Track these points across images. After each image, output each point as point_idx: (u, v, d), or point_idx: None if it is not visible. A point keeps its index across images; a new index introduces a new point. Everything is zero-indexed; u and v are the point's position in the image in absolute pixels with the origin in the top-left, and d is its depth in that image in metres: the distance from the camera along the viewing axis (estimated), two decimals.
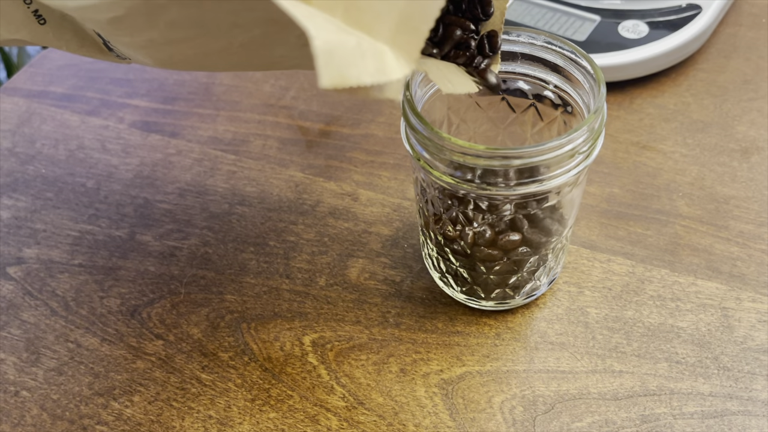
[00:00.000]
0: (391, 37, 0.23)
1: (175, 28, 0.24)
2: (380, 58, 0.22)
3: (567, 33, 0.44)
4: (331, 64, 0.20)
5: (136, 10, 0.23)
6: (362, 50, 0.21)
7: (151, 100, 0.48)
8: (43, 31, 0.29)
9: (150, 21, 0.24)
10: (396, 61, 0.22)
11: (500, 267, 0.32)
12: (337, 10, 0.23)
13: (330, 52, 0.20)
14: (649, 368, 0.33)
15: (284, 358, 0.34)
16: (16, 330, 0.36)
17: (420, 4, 0.22)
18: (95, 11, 0.24)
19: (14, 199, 0.42)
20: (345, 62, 0.20)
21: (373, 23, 0.23)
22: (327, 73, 0.20)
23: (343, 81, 0.20)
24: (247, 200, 0.41)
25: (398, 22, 0.23)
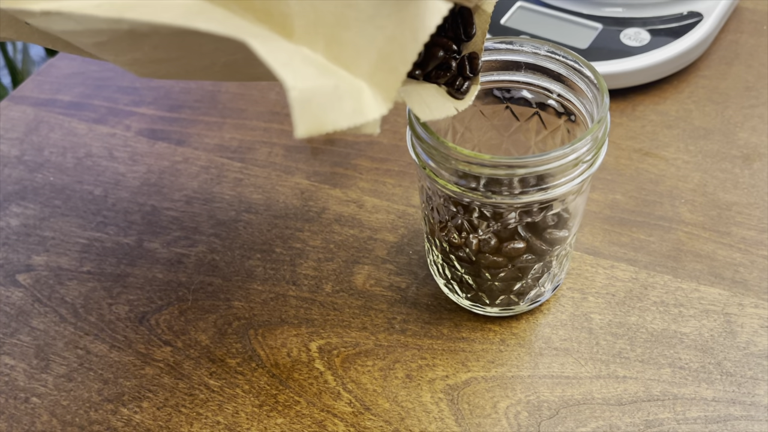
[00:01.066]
0: (369, 74, 0.23)
1: (159, 50, 0.24)
2: (357, 97, 0.23)
3: (569, 41, 0.45)
4: (307, 113, 0.21)
5: (119, 38, 0.24)
6: (339, 93, 0.22)
7: (157, 108, 0.48)
8: (29, 31, 0.30)
9: (134, 45, 0.24)
10: (373, 99, 0.23)
11: (505, 274, 0.32)
12: (318, 43, 0.24)
13: (306, 101, 0.21)
14: (653, 373, 0.33)
15: (291, 364, 0.34)
16: (26, 337, 0.37)
17: (399, 44, 0.23)
18: (79, 36, 0.24)
19: (23, 207, 0.43)
20: (322, 108, 0.21)
21: (352, 59, 0.23)
22: (303, 123, 0.20)
23: (320, 127, 0.21)
24: (253, 207, 0.42)
25: (377, 60, 0.23)
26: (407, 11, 0.23)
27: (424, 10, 0.23)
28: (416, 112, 0.26)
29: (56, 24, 0.24)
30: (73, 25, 0.23)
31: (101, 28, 0.23)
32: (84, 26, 0.23)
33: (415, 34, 0.23)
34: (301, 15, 0.24)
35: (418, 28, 0.23)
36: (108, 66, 0.51)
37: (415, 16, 0.23)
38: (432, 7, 0.23)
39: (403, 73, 0.23)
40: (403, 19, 0.23)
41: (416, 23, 0.23)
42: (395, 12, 0.23)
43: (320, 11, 0.24)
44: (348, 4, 0.23)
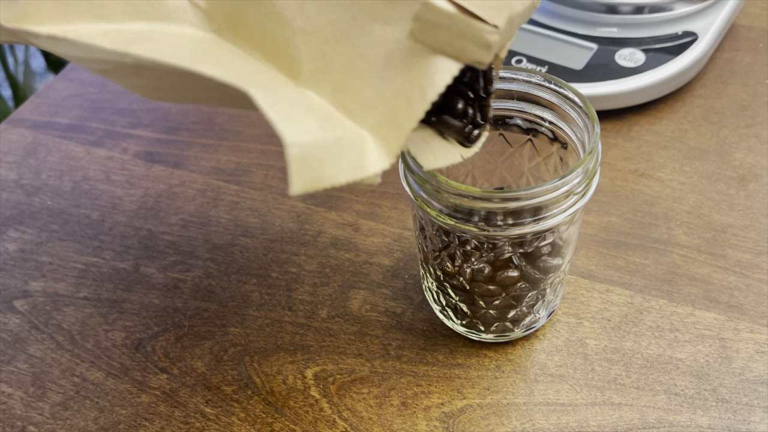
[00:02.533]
0: (374, 127, 0.23)
1: (164, 81, 0.24)
2: (360, 149, 0.22)
3: (564, 61, 0.45)
4: (304, 170, 0.21)
5: (123, 69, 0.24)
6: (342, 146, 0.22)
7: (154, 130, 0.48)
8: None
9: (138, 75, 0.24)
10: (376, 152, 0.23)
11: (499, 302, 0.32)
12: (325, 89, 0.24)
13: (304, 158, 0.20)
14: (648, 400, 0.33)
15: (287, 392, 0.35)
16: (23, 364, 0.37)
17: (407, 99, 0.23)
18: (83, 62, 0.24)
19: (20, 232, 0.43)
20: (320, 164, 0.21)
21: (358, 109, 0.23)
22: (299, 180, 0.20)
23: (316, 184, 0.21)
24: (249, 231, 0.42)
25: (383, 113, 0.23)
26: (417, 68, 0.23)
27: (435, 68, 0.23)
28: (420, 160, 0.26)
29: (61, 48, 0.24)
30: (78, 52, 0.24)
31: (105, 59, 0.23)
32: (89, 55, 0.23)
33: (424, 91, 0.23)
34: (309, 60, 0.24)
35: (427, 86, 0.23)
36: (106, 88, 0.52)
37: (425, 74, 0.23)
38: (443, 67, 0.23)
39: (408, 130, 0.23)
40: (413, 75, 0.23)
41: (425, 80, 0.23)
42: (405, 67, 0.23)
43: (329, 58, 0.24)
44: (359, 54, 0.23)
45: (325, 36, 0.24)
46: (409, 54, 0.23)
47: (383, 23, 0.23)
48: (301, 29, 0.24)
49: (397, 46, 0.23)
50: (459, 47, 0.23)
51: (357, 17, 0.23)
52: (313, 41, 0.24)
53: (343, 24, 0.24)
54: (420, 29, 0.23)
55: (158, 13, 0.25)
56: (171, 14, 0.25)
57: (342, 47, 0.24)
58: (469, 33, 0.23)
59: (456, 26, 0.23)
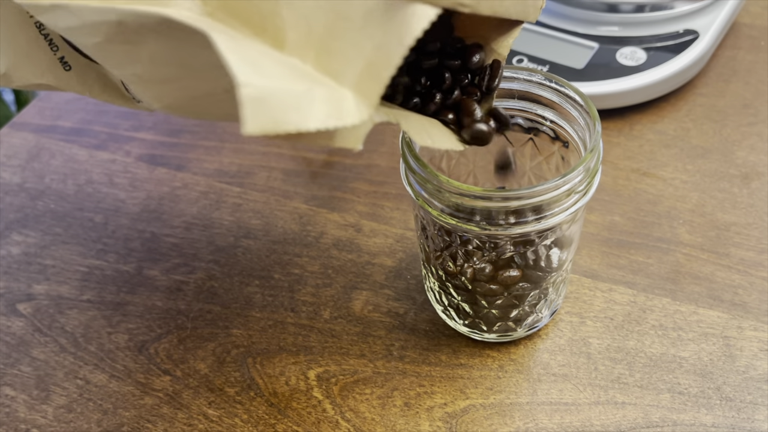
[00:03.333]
0: (355, 83, 0.23)
1: (157, 64, 0.25)
2: (337, 103, 0.22)
3: (566, 61, 0.45)
4: (260, 111, 0.20)
5: (114, 38, 0.24)
6: (311, 96, 0.22)
7: (157, 133, 0.48)
8: (67, 77, 0.30)
9: (131, 54, 0.24)
10: (355, 106, 0.23)
11: (501, 301, 0.32)
12: (309, 55, 0.24)
13: (260, 99, 0.20)
14: (652, 399, 0.33)
15: (290, 393, 0.35)
16: (27, 367, 0.37)
17: (385, 51, 0.23)
18: (79, 35, 0.25)
19: (24, 235, 0.43)
20: (282, 108, 0.20)
21: (340, 69, 0.23)
22: (254, 121, 0.20)
23: (276, 127, 0.20)
24: (252, 233, 0.42)
25: (363, 68, 0.23)
26: (395, 19, 0.23)
27: (411, 15, 0.23)
28: (415, 137, 0.26)
29: (61, 20, 0.24)
30: (74, 20, 0.24)
31: (94, 21, 0.23)
32: (81, 20, 0.24)
33: (401, 38, 0.23)
34: (293, 27, 0.24)
35: (404, 33, 0.23)
36: None
37: (402, 23, 0.23)
38: (420, 12, 0.23)
39: (386, 78, 0.23)
40: (390, 27, 0.23)
41: (402, 29, 0.23)
42: (384, 21, 0.23)
43: (312, 23, 0.24)
44: (340, 16, 0.24)
45: (307, 3, 0.24)
46: (387, 8, 0.23)
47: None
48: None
49: (376, 4, 0.23)
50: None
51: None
52: (297, 8, 0.24)
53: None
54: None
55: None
56: None
57: (324, 12, 0.24)
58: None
59: None
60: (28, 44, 0.29)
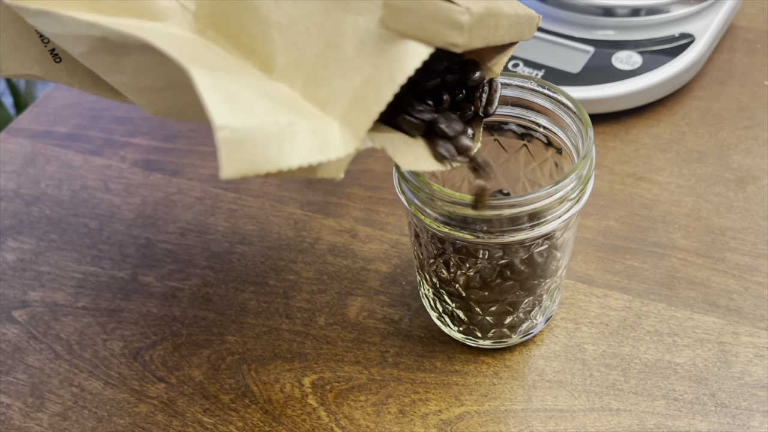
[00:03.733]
0: (342, 114, 0.23)
1: (142, 75, 0.24)
2: (322, 136, 0.22)
3: (561, 65, 0.45)
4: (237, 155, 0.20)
5: (98, 50, 0.24)
6: (293, 131, 0.21)
7: (152, 139, 0.48)
8: (57, 69, 0.30)
9: (116, 64, 0.24)
10: (341, 138, 0.23)
11: (495, 308, 0.32)
12: (297, 82, 0.24)
13: (237, 142, 0.20)
14: (647, 406, 0.33)
15: (284, 400, 0.34)
16: (22, 374, 0.37)
17: (375, 84, 0.23)
18: (65, 42, 0.25)
19: (19, 242, 0.43)
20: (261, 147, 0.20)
21: (328, 98, 0.23)
22: (231, 164, 0.20)
23: (255, 168, 0.20)
24: (247, 239, 0.42)
25: (351, 100, 0.23)
26: (387, 55, 0.23)
27: (404, 52, 0.23)
28: (398, 160, 0.25)
29: (48, 26, 0.24)
30: (60, 28, 0.24)
31: (80, 34, 0.23)
32: (67, 30, 0.24)
33: (393, 75, 0.23)
34: (283, 53, 0.24)
35: (396, 70, 0.23)
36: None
37: (394, 59, 0.23)
38: (413, 51, 0.23)
39: (375, 113, 0.23)
40: (383, 61, 0.23)
41: (395, 65, 0.23)
42: (375, 55, 0.23)
43: (303, 51, 0.24)
44: (330, 45, 0.24)
45: (299, 29, 0.24)
46: (379, 42, 0.23)
47: (355, 14, 0.23)
48: (277, 23, 0.24)
49: (368, 35, 0.23)
50: (431, 30, 0.23)
51: (330, 9, 0.24)
52: (288, 34, 0.24)
53: (316, 16, 0.24)
54: (390, 15, 0.23)
55: (149, 13, 0.25)
56: (160, 14, 0.25)
57: (315, 39, 0.24)
58: (439, 15, 0.23)
59: (425, 9, 0.23)
60: (18, 35, 0.29)
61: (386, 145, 0.25)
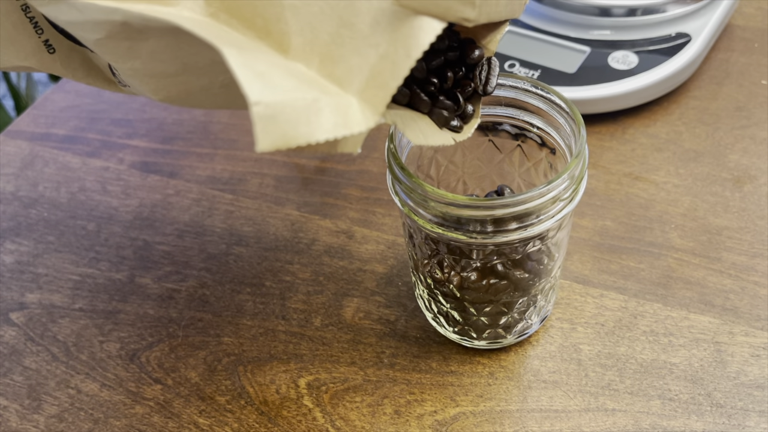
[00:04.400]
0: (360, 90, 0.23)
1: (156, 60, 0.25)
2: (344, 111, 0.23)
3: (557, 65, 0.45)
4: (271, 129, 0.20)
5: (116, 35, 0.24)
6: (319, 106, 0.22)
7: (150, 140, 0.48)
8: (51, 60, 0.30)
9: (132, 49, 0.25)
10: (361, 114, 0.23)
11: (490, 309, 0.32)
12: (313, 61, 0.24)
13: (271, 117, 0.20)
14: (642, 406, 0.33)
15: (280, 401, 0.35)
16: (18, 377, 0.37)
17: (392, 61, 0.23)
18: (81, 30, 0.25)
19: (17, 244, 0.43)
20: (291, 123, 0.21)
21: (345, 75, 0.24)
22: (266, 138, 0.20)
23: (288, 142, 0.21)
24: (244, 240, 0.42)
25: (369, 76, 0.23)
26: (401, 31, 0.23)
27: (419, 28, 0.23)
28: (408, 134, 0.26)
29: (63, 14, 0.25)
30: (77, 15, 0.24)
31: (98, 20, 0.24)
32: (85, 16, 0.24)
33: (408, 51, 0.23)
34: (298, 33, 0.24)
35: (412, 46, 0.23)
36: (102, 98, 0.52)
37: (409, 35, 0.23)
38: (426, 26, 0.23)
39: (393, 88, 0.23)
40: (398, 37, 0.23)
41: (410, 41, 0.23)
42: (390, 31, 0.23)
43: (317, 30, 0.24)
44: (344, 24, 0.24)
45: (312, 9, 0.24)
46: (393, 19, 0.24)
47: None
48: (291, 4, 0.24)
49: (382, 13, 0.24)
50: (444, 6, 0.23)
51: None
52: (302, 15, 0.24)
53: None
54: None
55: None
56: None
57: (329, 19, 0.24)
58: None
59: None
60: (13, 28, 0.29)
61: (397, 120, 0.25)
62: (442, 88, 0.28)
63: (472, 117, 0.29)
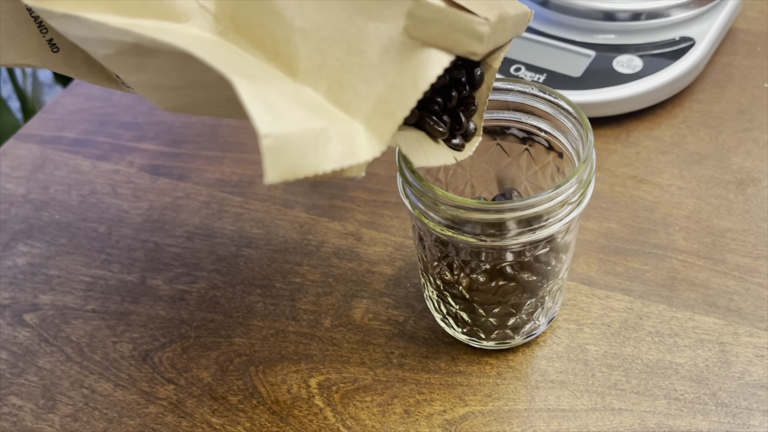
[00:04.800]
0: (367, 118, 0.24)
1: (164, 75, 0.25)
2: (350, 140, 0.23)
3: (563, 69, 0.45)
4: (279, 160, 0.21)
5: (125, 53, 0.24)
6: (327, 136, 0.22)
7: (159, 144, 0.49)
8: (54, 59, 0.31)
9: (140, 65, 0.25)
10: (368, 141, 0.23)
11: (498, 310, 0.33)
12: (321, 85, 0.25)
13: (279, 149, 0.21)
14: (648, 405, 0.33)
15: (291, 401, 0.35)
16: (33, 377, 0.37)
17: (399, 90, 0.24)
18: (90, 45, 0.25)
19: (30, 246, 0.44)
20: (299, 154, 0.21)
21: (352, 102, 0.24)
22: (274, 170, 0.21)
23: (295, 173, 0.21)
24: (253, 242, 0.42)
25: (376, 104, 0.24)
26: (410, 61, 0.24)
27: (427, 60, 0.24)
28: (411, 157, 0.27)
29: (72, 29, 0.25)
30: (86, 32, 0.24)
31: (109, 38, 0.24)
32: (95, 34, 0.24)
33: (416, 82, 0.24)
34: (307, 57, 0.25)
35: (419, 77, 0.24)
36: (111, 102, 0.53)
37: (417, 66, 0.24)
38: (435, 58, 0.24)
39: (400, 119, 0.24)
40: (406, 67, 0.24)
41: (418, 72, 0.24)
42: (398, 61, 0.24)
43: (326, 55, 0.25)
44: (354, 51, 0.24)
45: (322, 34, 0.25)
46: (402, 49, 0.24)
47: (378, 21, 0.24)
48: (300, 28, 0.25)
49: (391, 42, 0.24)
50: (452, 40, 0.24)
51: (353, 16, 0.24)
52: (311, 39, 0.25)
53: (339, 23, 0.25)
54: (414, 25, 0.24)
55: (169, 14, 0.26)
56: (181, 15, 0.26)
57: (338, 44, 0.25)
58: (460, 25, 0.24)
59: (448, 20, 0.24)
60: (17, 26, 0.29)
61: (400, 143, 0.26)
62: (446, 107, 0.28)
63: (474, 135, 0.29)
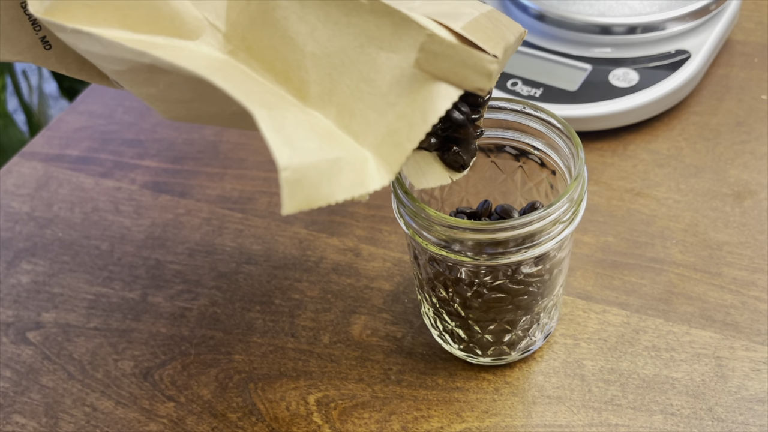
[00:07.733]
0: (375, 146, 0.24)
1: (173, 90, 0.26)
2: (360, 168, 0.24)
3: (559, 83, 0.46)
4: (296, 192, 0.22)
5: (138, 70, 0.25)
6: (340, 166, 0.23)
7: (161, 161, 0.50)
8: (46, 56, 0.31)
9: (150, 80, 0.25)
10: (377, 170, 0.24)
11: (494, 327, 0.33)
12: (331, 111, 0.25)
13: (297, 181, 0.22)
14: (645, 421, 0.33)
15: (290, 418, 0.35)
16: (36, 395, 0.38)
17: (408, 122, 0.24)
18: (101, 60, 0.26)
19: (33, 264, 0.44)
20: (315, 185, 0.22)
21: (361, 129, 0.25)
22: (291, 201, 0.22)
23: (310, 204, 0.22)
24: (253, 258, 0.43)
25: (385, 134, 0.24)
26: (420, 93, 0.24)
27: (437, 94, 0.24)
28: (412, 180, 0.28)
29: (83, 44, 0.25)
30: (99, 48, 0.25)
31: (123, 57, 0.25)
32: (108, 51, 0.25)
33: (425, 115, 0.24)
34: (317, 82, 0.25)
35: (429, 110, 0.24)
36: (114, 119, 0.53)
37: (427, 99, 0.24)
38: (444, 93, 0.25)
39: (409, 150, 0.24)
40: (416, 99, 0.24)
41: (427, 105, 0.24)
42: (409, 92, 0.25)
43: (337, 82, 0.25)
44: (365, 79, 0.25)
45: (333, 61, 0.25)
46: (412, 81, 0.25)
47: (389, 51, 0.25)
48: (312, 54, 0.25)
49: (402, 73, 0.25)
50: (462, 75, 0.25)
51: (365, 45, 0.25)
52: (323, 65, 0.25)
53: (351, 51, 0.25)
54: (425, 59, 0.24)
55: (180, 31, 0.26)
56: (191, 33, 0.27)
57: (349, 72, 0.25)
58: (471, 62, 0.24)
59: (459, 56, 0.24)
60: (10, 22, 0.29)
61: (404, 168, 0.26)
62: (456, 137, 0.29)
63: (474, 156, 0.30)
